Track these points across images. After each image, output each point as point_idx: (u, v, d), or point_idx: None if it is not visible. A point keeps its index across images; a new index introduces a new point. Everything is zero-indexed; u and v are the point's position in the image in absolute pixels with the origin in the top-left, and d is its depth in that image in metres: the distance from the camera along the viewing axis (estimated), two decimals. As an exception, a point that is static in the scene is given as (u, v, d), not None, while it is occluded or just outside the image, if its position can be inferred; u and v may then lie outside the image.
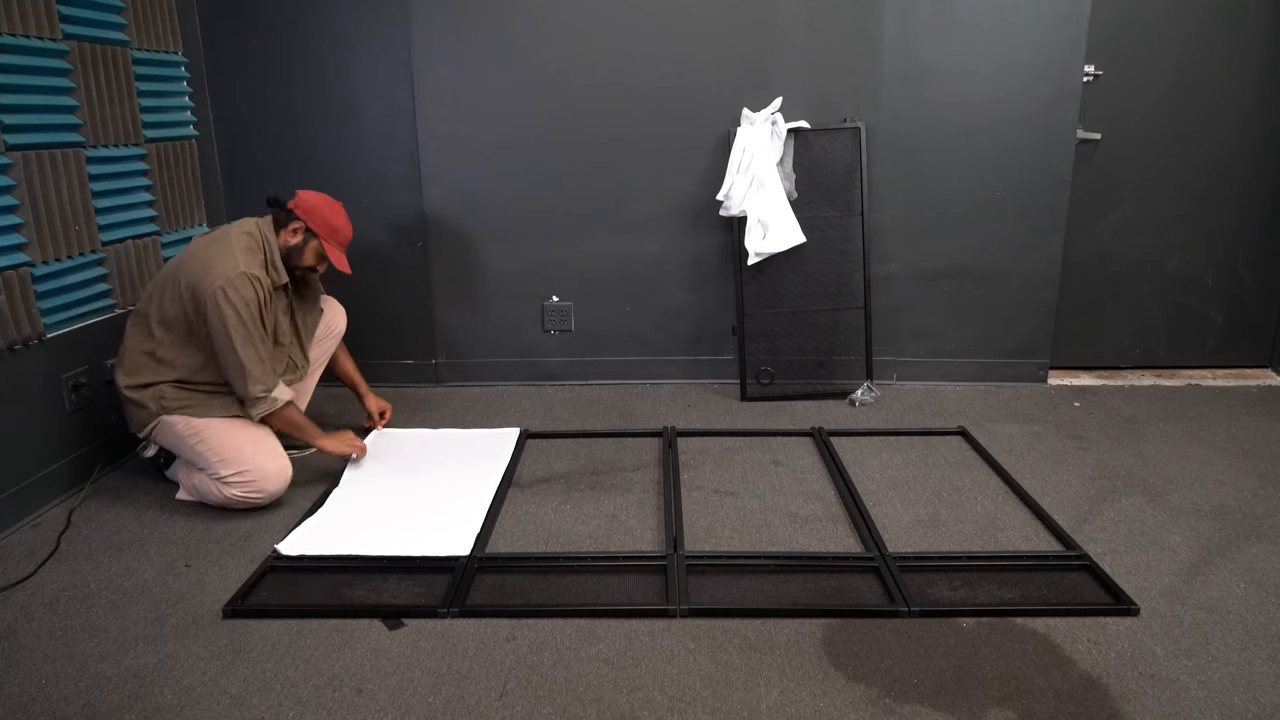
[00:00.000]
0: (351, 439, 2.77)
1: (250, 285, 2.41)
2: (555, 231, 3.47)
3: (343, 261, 2.63)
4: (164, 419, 2.49)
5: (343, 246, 2.64)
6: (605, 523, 2.42)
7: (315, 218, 2.56)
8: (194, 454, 2.49)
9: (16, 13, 2.39)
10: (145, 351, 2.49)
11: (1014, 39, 3.22)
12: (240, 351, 2.40)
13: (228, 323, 2.37)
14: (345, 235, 2.63)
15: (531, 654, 1.85)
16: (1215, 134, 3.45)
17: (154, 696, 1.73)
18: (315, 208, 2.57)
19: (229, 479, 2.44)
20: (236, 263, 2.41)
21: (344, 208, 2.65)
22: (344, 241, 2.64)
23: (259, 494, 2.47)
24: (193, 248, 2.53)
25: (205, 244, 2.51)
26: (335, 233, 2.60)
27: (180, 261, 2.50)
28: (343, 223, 2.62)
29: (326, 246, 2.58)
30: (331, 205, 2.61)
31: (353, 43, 3.28)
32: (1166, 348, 3.71)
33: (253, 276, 2.42)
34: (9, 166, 2.38)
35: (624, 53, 3.27)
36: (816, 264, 3.41)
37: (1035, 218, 3.39)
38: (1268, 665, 1.80)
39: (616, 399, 3.45)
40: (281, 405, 2.51)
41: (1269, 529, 2.36)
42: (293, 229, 2.56)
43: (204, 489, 2.51)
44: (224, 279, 2.37)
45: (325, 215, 2.57)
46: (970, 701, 1.69)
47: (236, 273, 2.39)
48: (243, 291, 2.39)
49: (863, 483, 2.64)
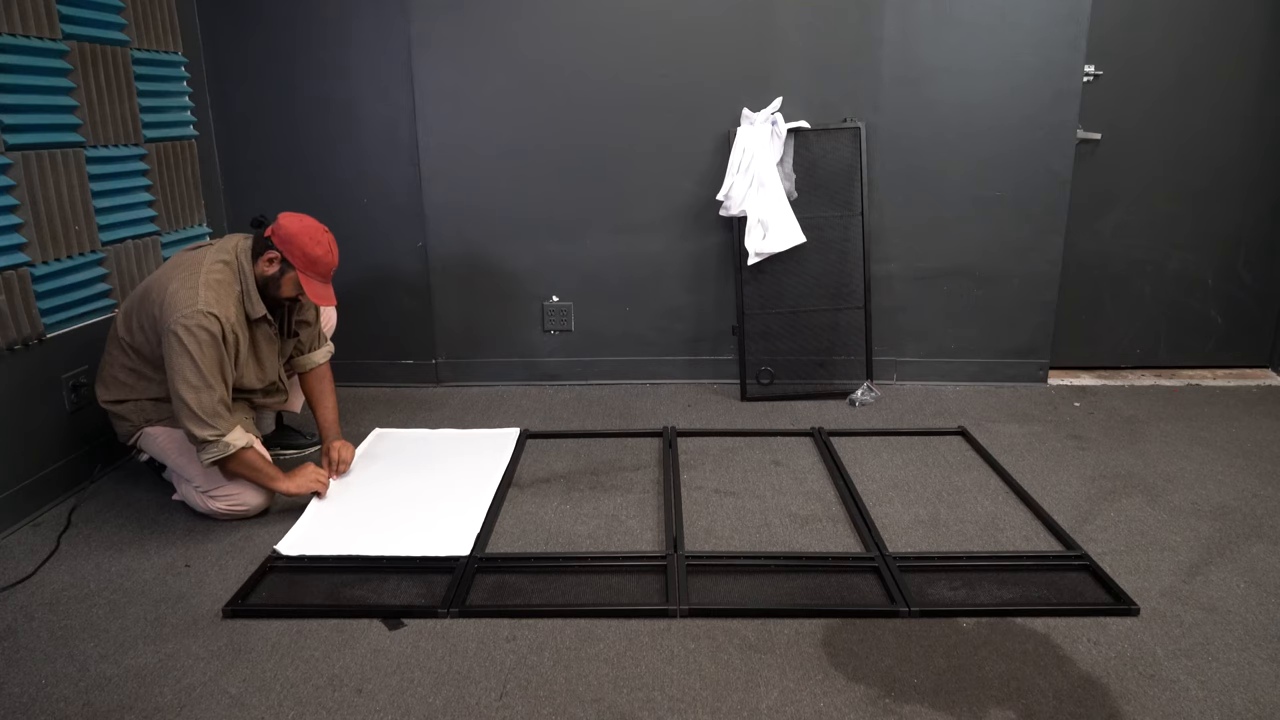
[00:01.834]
0: (314, 476, 2.50)
1: (209, 322, 2.23)
2: (555, 231, 3.47)
3: (322, 294, 2.40)
4: (147, 430, 2.47)
5: (324, 278, 2.42)
6: (605, 523, 2.42)
7: (291, 247, 2.34)
8: (176, 466, 2.46)
9: (16, 13, 2.39)
10: (124, 366, 2.44)
11: (1014, 39, 3.22)
12: (185, 395, 2.22)
13: (178, 363, 2.22)
14: (326, 266, 2.39)
15: (531, 654, 1.85)
16: (1215, 134, 3.45)
17: (154, 696, 1.73)
18: (292, 236, 2.34)
19: (213, 493, 2.42)
20: (197, 297, 2.24)
21: (329, 233, 2.42)
22: (325, 273, 2.41)
23: (242, 506, 2.44)
24: (165, 269, 2.40)
25: (175, 269, 2.36)
26: (313, 264, 2.36)
27: (149, 285, 2.38)
28: (323, 253, 2.37)
29: (303, 279, 2.36)
30: (312, 232, 2.37)
31: (353, 43, 3.28)
32: (1166, 348, 3.71)
33: (212, 314, 2.24)
34: (9, 166, 2.38)
35: (624, 53, 3.27)
36: (816, 264, 3.41)
37: (1035, 218, 3.39)
38: (1268, 665, 1.80)
39: (616, 399, 3.45)
40: (234, 451, 2.29)
41: (1269, 529, 2.36)
42: (268, 258, 2.36)
43: (191, 500, 2.48)
44: (181, 316, 2.21)
45: (303, 244, 2.34)
46: (970, 701, 1.69)
47: (194, 309, 2.22)
48: (197, 333, 2.21)
49: (863, 483, 2.64)
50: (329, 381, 2.76)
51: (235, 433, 2.31)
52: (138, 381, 2.44)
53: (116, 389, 2.46)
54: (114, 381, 2.46)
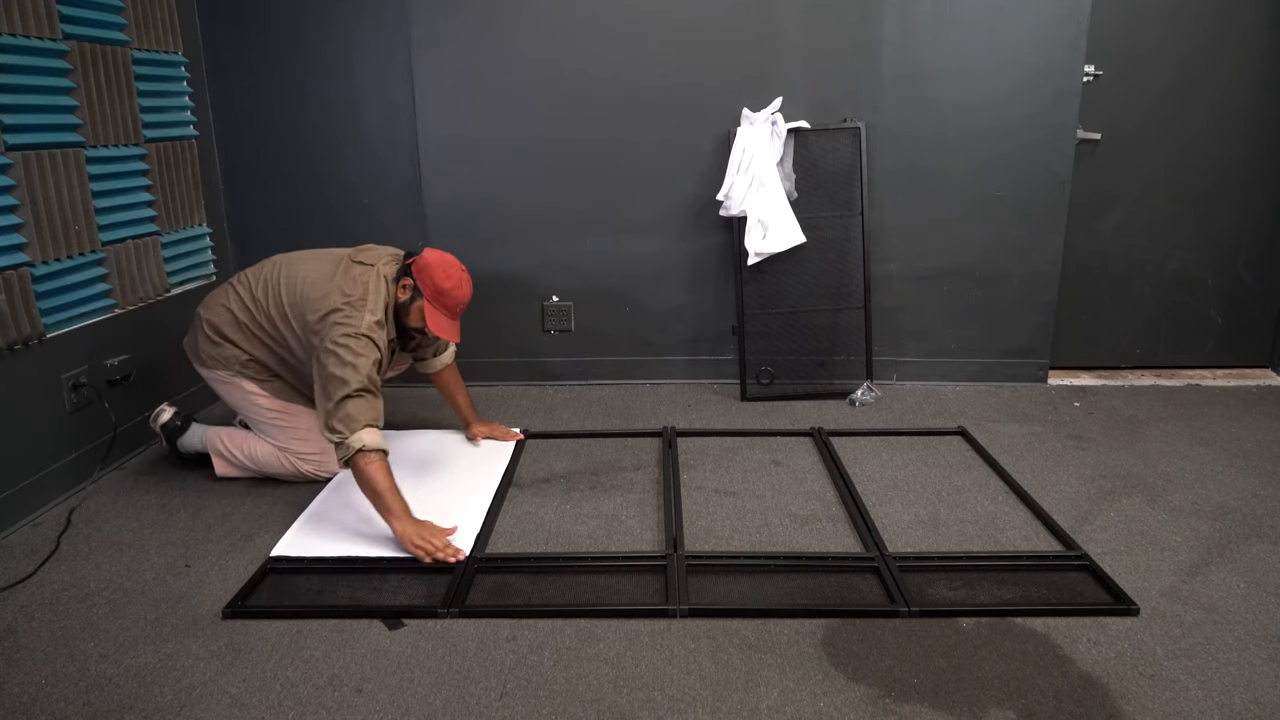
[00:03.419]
0: (439, 542, 2.20)
1: (371, 348, 2.30)
2: (555, 231, 3.47)
3: (446, 328, 2.43)
4: (240, 382, 2.57)
5: (452, 312, 2.44)
6: (605, 523, 2.42)
7: (424, 277, 2.40)
8: (266, 425, 2.60)
9: (16, 13, 2.39)
10: (235, 315, 2.55)
11: (1014, 39, 3.22)
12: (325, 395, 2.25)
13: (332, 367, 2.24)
14: (454, 300, 2.42)
15: (531, 654, 1.85)
16: (1215, 134, 3.45)
17: (154, 696, 1.73)
18: (427, 266, 2.40)
19: (306, 455, 2.60)
20: (364, 316, 2.31)
21: (465, 271, 2.45)
22: (451, 307, 2.43)
23: (326, 474, 2.64)
24: (318, 263, 2.48)
25: (337, 273, 2.41)
26: (441, 296, 2.40)
27: (294, 270, 2.48)
28: (452, 286, 2.39)
29: (428, 309, 2.40)
30: (446, 267, 2.41)
31: (353, 42, 3.28)
32: (1166, 348, 3.71)
33: (374, 337, 2.31)
34: (9, 166, 2.38)
35: (624, 52, 3.27)
36: (816, 264, 3.41)
37: (1035, 218, 3.39)
38: (1268, 665, 1.80)
39: (616, 399, 3.45)
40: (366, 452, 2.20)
41: (1269, 529, 2.36)
42: (404, 285, 2.43)
43: (267, 461, 2.60)
44: (350, 327, 2.28)
45: (434, 276, 2.39)
46: (970, 701, 1.69)
47: (364, 327, 2.29)
48: (361, 350, 2.27)
49: (863, 483, 2.64)
50: (458, 375, 2.94)
51: (369, 433, 2.22)
52: (248, 339, 2.54)
53: (227, 328, 2.56)
54: (227, 320, 2.56)
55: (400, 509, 2.22)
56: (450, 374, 2.90)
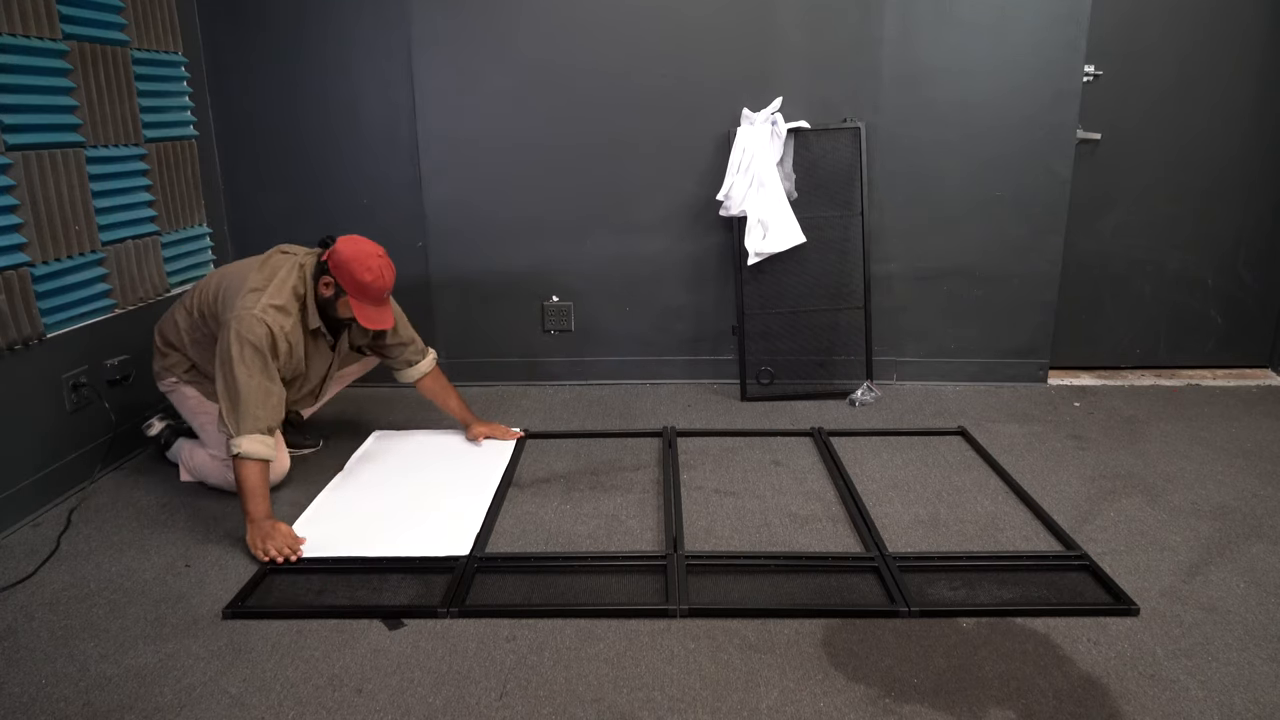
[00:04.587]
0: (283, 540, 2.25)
1: (261, 327, 2.31)
2: (555, 231, 3.47)
3: (374, 318, 2.44)
4: (182, 389, 2.60)
5: (376, 302, 2.45)
6: (605, 523, 2.42)
7: (342, 273, 2.39)
8: (200, 429, 2.60)
9: (16, 13, 2.39)
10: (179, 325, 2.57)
11: (1014, 39, 3.22)
12: (220, 392, 2.31)
13: (224, 359, 2.30)
14: (376, 291, 2.42)
15: (531, 654, 1.85)
16: (1215, 134, 3.45)
17: (154, 696, 1.73)
18: (344, 262, 2.39)
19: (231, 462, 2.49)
20: (259, 299, 2.33)
21: (383, 256, 2.44)
22: (376, 297, 2.44)
23: None
24: (246, 263, 2.51)
25: (255, 267, 2.45)
26: (363, 290, 2.40)
27: (226, 273, 2.52)
28: (372, 279, 2.39)
29: (354, 304, 2.41)
30: (363, 259, 2.39)
31: (353, 42, 3.28)
32: (1166, 348, 3.71)
33: (266, 319, 2.31)
34: (9, 166, 2.38)
35: (624, 53, 3.27)
36: (816, 264, 3.41)
37: (1035, 218, 3.39)
38: (1268, 665, 1.80)
39: (616, 399, 3.45)
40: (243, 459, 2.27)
41: (1269, 529, 2.36)
42: (324, 282, 2.43)
43: (205, 469, 2.59)
44: (239, 315, 2.30)
45: (352, 271, 2.38)
46: (970, 701, 1.69)
47: (251, 313, 2.31)
48: (247, 335, 2.29)
49: (863, 483, 2.64)
50: (443, 381, 2.91)
51: (251, 442, 2.28)
52: (191, 344, 2.56)
53: (172, 336, 2.60)
54: (171, 325, 2.60)
55: (259, 513, 2.28)
56: (433, 381, 2.87)
